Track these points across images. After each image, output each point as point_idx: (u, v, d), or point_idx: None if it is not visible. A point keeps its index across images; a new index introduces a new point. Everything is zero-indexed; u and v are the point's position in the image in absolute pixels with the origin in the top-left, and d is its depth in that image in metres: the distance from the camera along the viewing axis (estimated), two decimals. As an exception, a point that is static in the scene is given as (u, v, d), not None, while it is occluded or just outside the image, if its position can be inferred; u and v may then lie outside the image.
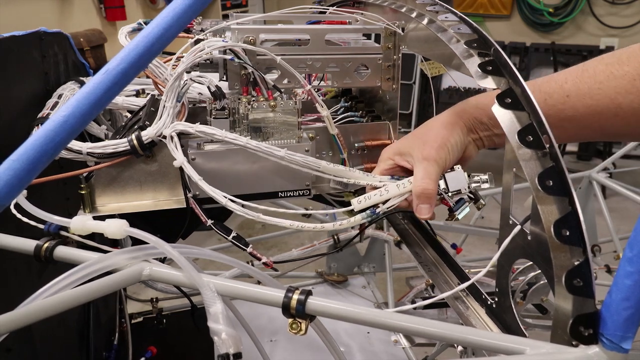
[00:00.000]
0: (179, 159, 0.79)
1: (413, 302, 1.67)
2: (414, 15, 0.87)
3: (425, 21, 0.82)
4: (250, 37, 0.86)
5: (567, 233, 0.52)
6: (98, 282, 0.62)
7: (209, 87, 0.86)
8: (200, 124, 0.82)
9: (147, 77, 0.90)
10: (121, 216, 0.82)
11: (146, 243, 0.65)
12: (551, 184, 0.54)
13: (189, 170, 0.78)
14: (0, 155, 0.44)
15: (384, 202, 0.77)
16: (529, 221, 0.58)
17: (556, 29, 5.46)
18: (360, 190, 0.97)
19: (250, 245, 0.85)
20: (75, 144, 0.79)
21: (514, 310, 0.64)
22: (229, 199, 0.77)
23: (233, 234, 0.84)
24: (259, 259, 0.86)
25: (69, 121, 0.44)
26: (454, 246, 1.91)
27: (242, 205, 0.77)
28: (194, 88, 0.94)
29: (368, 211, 0.77)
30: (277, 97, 0.86)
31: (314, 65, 0.92)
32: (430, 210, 0.74)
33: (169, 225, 0.89)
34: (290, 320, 0.58)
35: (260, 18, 0.98)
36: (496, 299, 0.67)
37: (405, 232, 0.96)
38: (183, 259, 0.63)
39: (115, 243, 1.30)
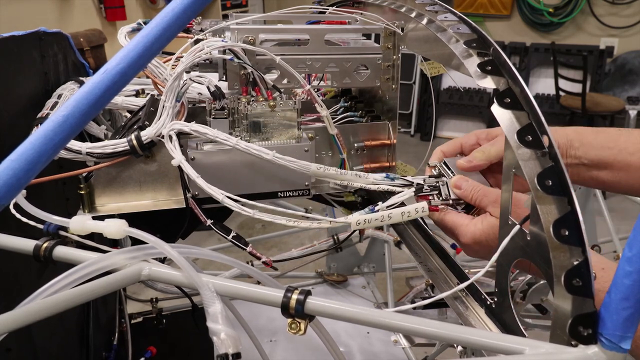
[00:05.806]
0: (177, 158, 0.78)
1: (413, 302, 1.67)
2: (413, 15, 0.87)
3: (424, 21, 0.82)
4: (250, 37, 0.86)
5: (567, 233, 0.52)
6: (97, 282, 0.61)
7: (208, 87, 0.86)
8: (197, 123, 0.82)
9: (147, 77, 0.90)
10: (120, 216, 0.82)
11: (145, 243, 0.65)
12: (550, 183, 0.54)
13: (187, 168, 0.78)
14: (0, 154, 0.44)
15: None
16: (528, 221, 0.58)
17: (556, 29, 5.47)
18: (360, 190, 0.97)
19: (250, 245, 0.85)
20: (74, 144, 0.79)
21: (513, 310, 0.64)
22: (226, 196, 0.77)
23: (233, 234, 0.84)
24: (259, 258, 0.85)
25: (68, 121, 0.44)
26: (453, 246, 1.90)
27: (240, 204, 0.77)
28: (193, 88, 0.94)
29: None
30: (276, 97, 0.86)
31: (314, 65, 0.92)
32: None
33: (169, 225, 0.89)
34: (289, 320, 0.58)
35: (260, 18, 0.98)
36: (495, 299, 0.67)
37: (404, 232, 0.96)
38: (182, 259, 0.63)
39: (115, 243, 1.30)
